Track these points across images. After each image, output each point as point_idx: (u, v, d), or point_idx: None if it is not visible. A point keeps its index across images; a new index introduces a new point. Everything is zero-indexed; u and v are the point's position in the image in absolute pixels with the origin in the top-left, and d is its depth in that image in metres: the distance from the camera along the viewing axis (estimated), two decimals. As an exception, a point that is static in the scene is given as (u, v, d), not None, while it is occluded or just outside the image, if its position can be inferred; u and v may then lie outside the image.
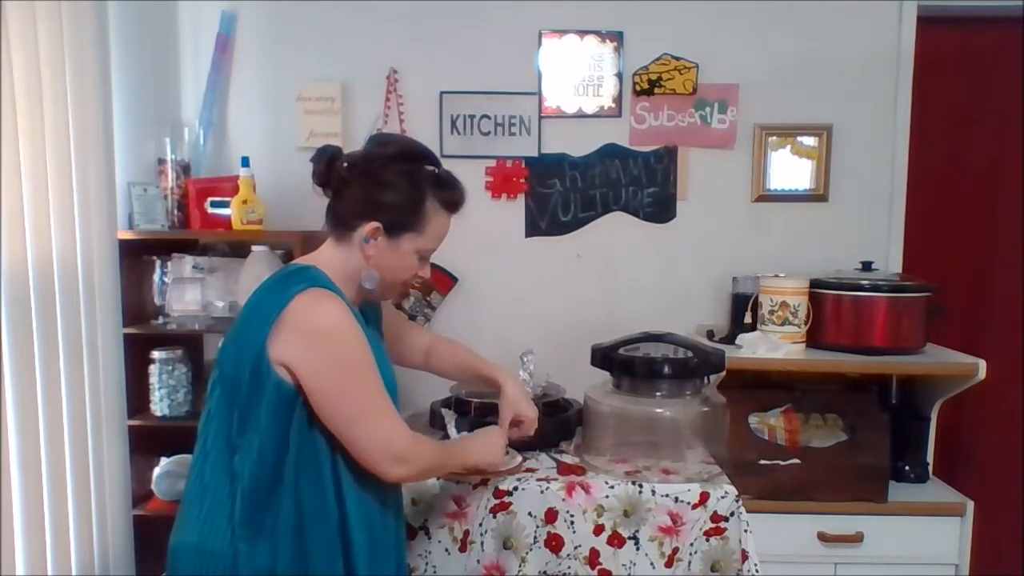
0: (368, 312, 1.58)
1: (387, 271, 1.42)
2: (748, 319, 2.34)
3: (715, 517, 1.74)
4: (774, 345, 2.21)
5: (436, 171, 1.44)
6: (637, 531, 1.74)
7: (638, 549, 1.74)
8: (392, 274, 1.44)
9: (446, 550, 1.75)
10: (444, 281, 2.60)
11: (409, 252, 1.42)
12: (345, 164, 1.40)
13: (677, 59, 2.53)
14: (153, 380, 2.31)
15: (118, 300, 2.08)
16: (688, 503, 1.74)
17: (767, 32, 2.52)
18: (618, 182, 2.58)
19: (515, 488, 1.75)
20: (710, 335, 2.41)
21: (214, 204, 2.31)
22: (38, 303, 1.74)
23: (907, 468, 2.32)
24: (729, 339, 2.34)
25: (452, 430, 1.85)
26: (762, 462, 2.17)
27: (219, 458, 1.34)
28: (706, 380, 2.03)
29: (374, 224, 1.38)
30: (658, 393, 1.92)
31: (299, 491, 1.33)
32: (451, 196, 1.45)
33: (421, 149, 1.46)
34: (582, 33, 2.54)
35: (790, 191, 2.57)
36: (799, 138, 2.55)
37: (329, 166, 1.39)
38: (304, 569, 1.33)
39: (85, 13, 1.91)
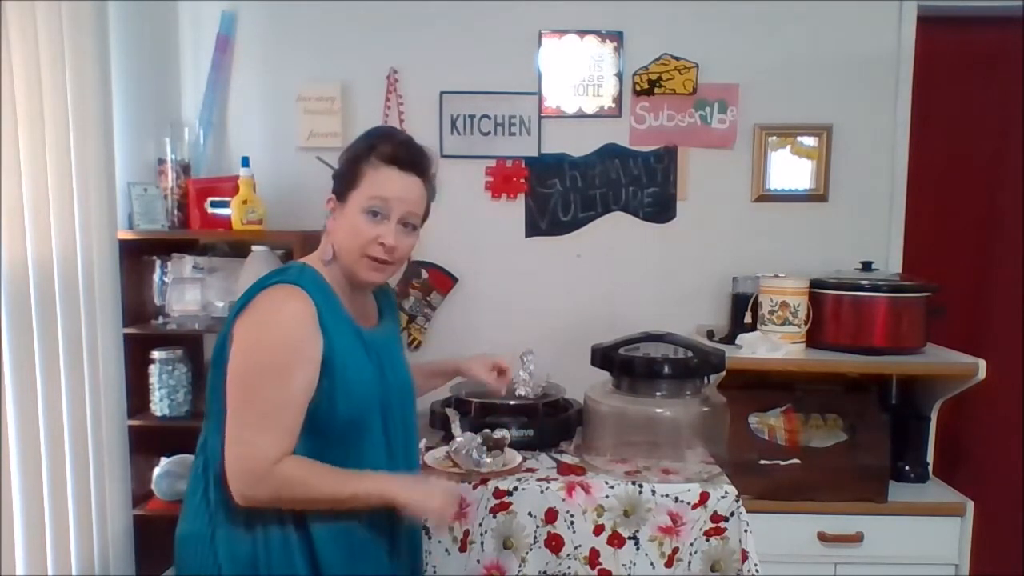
0: (383, 303, 1.59)
1: (342, 238, 1.42)
2: (748, 319, 2.34)
3: (715, 517, 1.75)
4: (774, 345, 2.21)
5: (375, 138, 1.46)
6: (637, 531, 1.74)
7: (638, 549, 1.74)
8: (348, 240, 1.41)
9: (446, 550, 1.75)
10: (444, 281, 2.60)
11: (355, 211, 1.40)
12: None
13: (677, 59, 2.53)
14: (153, 380, 2.31)
15: (118, 300, 2.08)
16: (688, 503, 1.75)
17: (767, 32, 2.52)
18: (618, 182, 2.58)
19: (515, 488, 1.75)
20: (710, 335, 2.41)
21: (214, 204, 2.31)
22: (38, 303, 1.74)
23: (907, 468, 2.32)
24: (729, 339, 2.34)
25: (456, 429, 1.85)
26: (762, 462, 2.16)
27: (203, 445, 1.41)
28: (706, 380, 2.03)
29: (329, 196, 1.45)
30: (658, 393, 1.92)
31: None
32: (385, 148, 1.41)
33: (379, 128, 1.52)
34: (582, 33, 2.54)
35: (790, 191, 2.57)
36: (799, 138, 2.55)
37: None
38: (288, 569, 1.34)
39: (85, 13, 1.91)
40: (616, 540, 1.74)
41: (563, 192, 2.59)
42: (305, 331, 1.32)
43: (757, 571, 1.77)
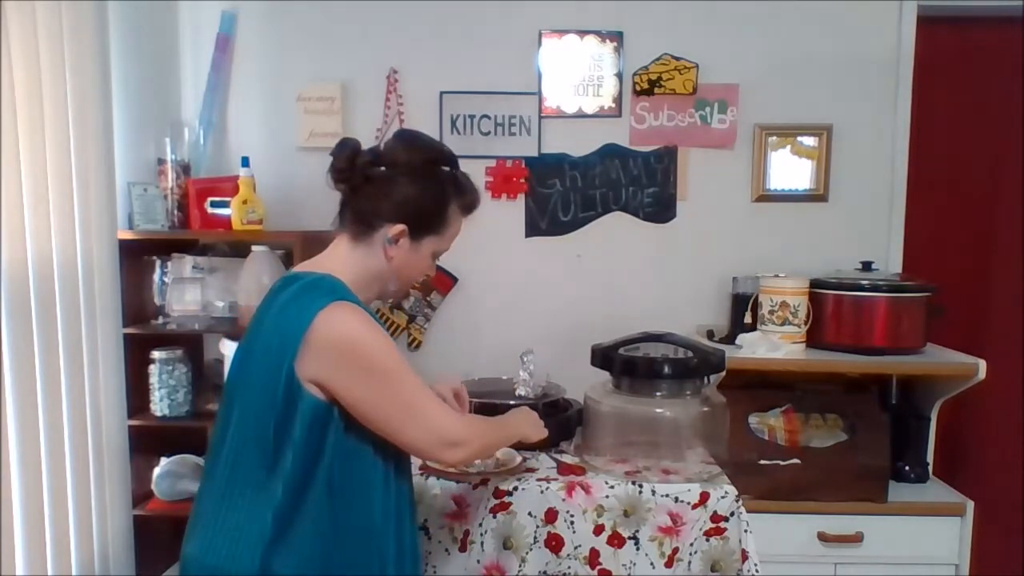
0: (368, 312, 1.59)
1: (405, 272, 1.43)
2: (748, 319, 2.34)
3: (715, 517, 1.74)
4: (774, 345, 2.21)
5: (456, 174, 1.45)
6: (637, 531, 1.74)
7: (638, 549, 1.74)
8: (409, 275, 1.45)
9: (446, 550, 1.75)
10: (444, 281, 2.60)
11: (428, 254, 1.43)
12: (370, 160, 1.38)
13: (677, 59, 2.53)
14: (153, 380, 2.31)
15: (118, 300, 2.08)
16: (688, 503, 1.74)
17: (767, 32, 2.52)
18: (618, 182, 2.58)
19: (515, 488, 1.75)
20: (710, 335, 2.41)
21: (214, 204, 2.31)
22: (38, 303, 1.74)
23: (907, 468, 2.32)
24: (729, 339, 2.34)
25: None
26: (762, 462, 2.16)
27: (248, 477, 1.29)
28: (706, 380, 2.03)
29: (401, 226, 1.37)
30: (658, 393, 1.92)
31: (332, 500, 1.31)
32: (470, 200, 1.46)
33: (448, 152, 1.47)
34: (582, 33, 2.54)
35: (790, 191, 2.57)
36: (799, 138, 2.55)
37: (351, 161, 1.37)
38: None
39: (85, 13, 1.91)
40: (616, 540, 1.74)
41: (563, 192, 2.59)
42: (380, 328, 1.34)
43: (757, 571, 1.77)
